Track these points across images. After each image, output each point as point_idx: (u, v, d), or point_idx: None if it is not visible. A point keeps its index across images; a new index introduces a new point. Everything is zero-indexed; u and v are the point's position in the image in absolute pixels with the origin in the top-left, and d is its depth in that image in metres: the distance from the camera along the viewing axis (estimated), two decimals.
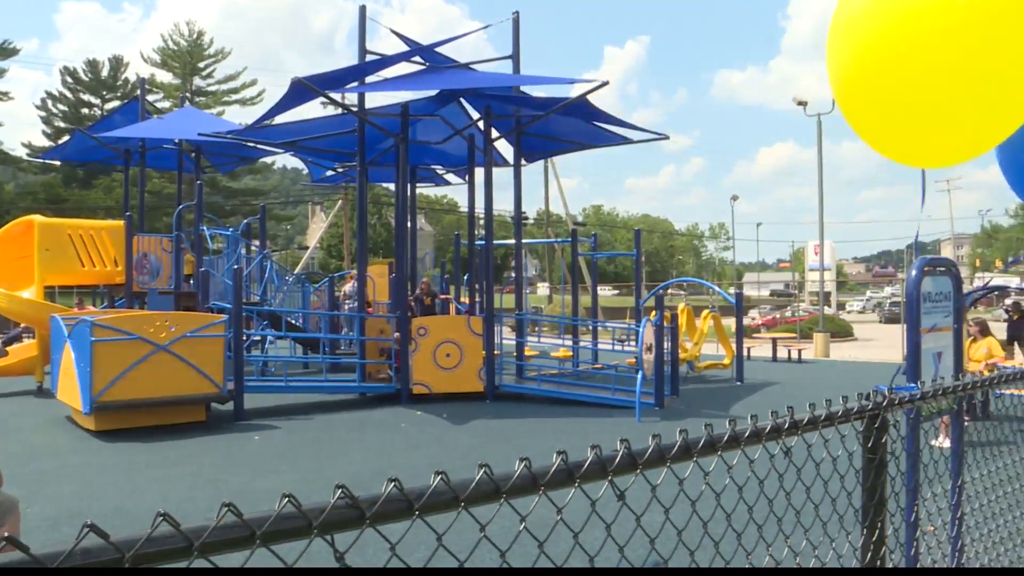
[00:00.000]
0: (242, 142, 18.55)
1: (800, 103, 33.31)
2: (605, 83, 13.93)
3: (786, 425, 1.92)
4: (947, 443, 4.18)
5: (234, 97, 67.69)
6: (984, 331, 12.89)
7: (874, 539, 2.44)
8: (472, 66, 16.93)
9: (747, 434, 1.81)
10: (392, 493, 1.22)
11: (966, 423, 5.13)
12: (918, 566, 3.81)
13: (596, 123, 16.83)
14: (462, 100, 16.85)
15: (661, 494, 1.67)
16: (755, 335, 29.20)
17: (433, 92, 15.90)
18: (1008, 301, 21.22)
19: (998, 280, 40.62)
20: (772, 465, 1.99)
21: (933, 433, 3.99)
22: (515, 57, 16.73)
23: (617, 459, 1.54)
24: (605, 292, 66.22)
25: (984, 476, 4.12)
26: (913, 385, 2.85)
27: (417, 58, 16.43)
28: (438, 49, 16.47)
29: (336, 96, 17.01)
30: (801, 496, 2.13)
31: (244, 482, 8.52)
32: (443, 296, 19.68)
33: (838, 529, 2.39)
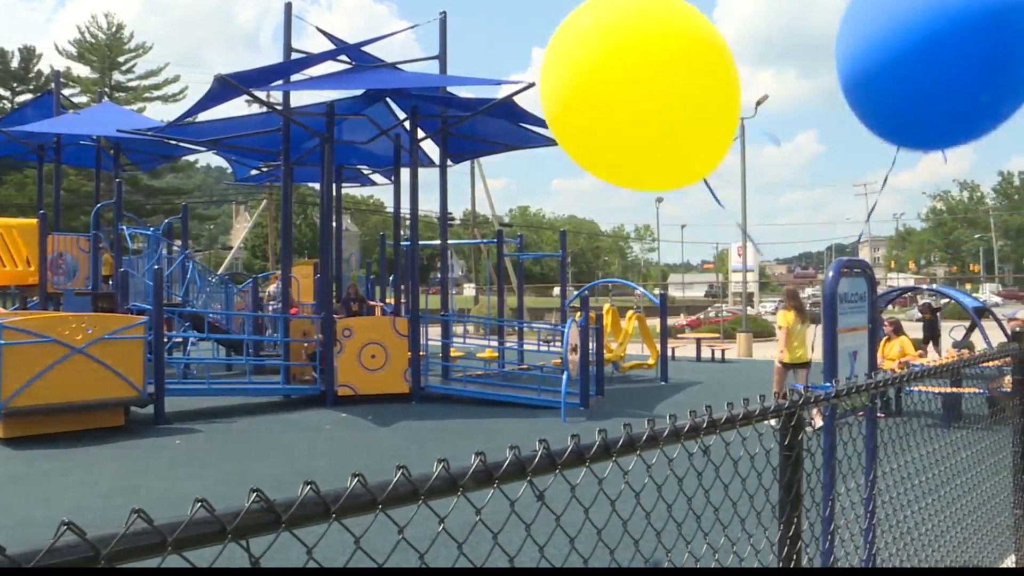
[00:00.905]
0: (163, 139, 18.14)
1: None
2: (531, 85, 13.99)
3: (704, 424, 1.96)
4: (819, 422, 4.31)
5: (155, 93, 66.04)
6: (898, 331, 13.32)
7: (791, 534, 2.50)
8: (399, 66, 16.84)
9: (666, 433, 1.85)
10: (308, 496, 1.21)
11: (880, 419, 5.30)
12: (833, 558, 3.91)
13: (523, 124, 16.89)
14: (388, 100, 16.75)
15: (581, 494, 1.69)
16: (679, 335, 29.61)
17: (359, 92, 15.78)
18: (920, 302, 21.91)
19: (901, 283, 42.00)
20: (691, 463, 2.03)
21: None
22: (442, 57, 16.70)
23: (536, 460, 1.55)
24: (563, 292, 66.44)
25: (895, 470, 4.25)
26: (828, 384, 2.93)
27: (343, 57, 16.29)
28: (365, 48, 16.35)
29: (260, 94, 16.77)
30: (720, 493, 2.17)
31: (164, 487, 8.33)
32: (372, 303, 19.54)
33: (756, 525, 2.44)
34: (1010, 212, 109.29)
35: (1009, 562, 4.86)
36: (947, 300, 20.54)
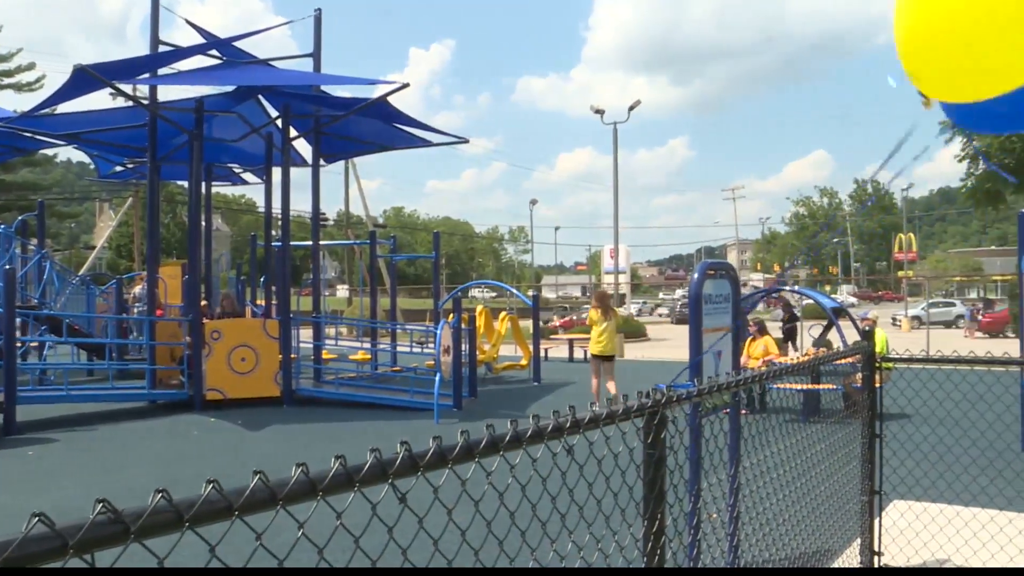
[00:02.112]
0: (16, 131, 17.16)
1: (597, 111, 34.58)
2: (405, 85, 13.96)
3: (568, 424, 1.99)
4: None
5: (7, 81, 62.62)
6: (762, 330, 13.86)
7: (654, 530, 2.56)
8: (271, 63, 16.50)
9: (529, 434, 1.87)
10: (160, 505, 1.17)
11: (745, 415, 5.50)
12: (698, 550, 4.04)
13: (397, 125, 16.79)
14: (260, 97, 16.39)
15: (445, 495, 1.69)
16: (552, 336, 29.96)
17: (230, 88, 15.38)
18: (781, 304, 22.86)
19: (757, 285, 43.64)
20: (555, 463, 2.06)
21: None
22: (316, 55, 16.45)
23: (397, 462, 1.55)
24: (436, 293, 66.05)
25: (756, 464, 4.42)
26: (690, 383, 3.02)
27: (214, 52, 15.84)
28: (237, 44, 15.95)
29: (125, 88, 16.12)
30: (584, 492, 2.21)
31: (15, 503, 7.91)
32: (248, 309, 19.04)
33: (620, 522, 2.50)
34: (864, 218, 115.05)
35: (856, 545, 5.11)
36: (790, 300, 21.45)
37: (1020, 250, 10.45)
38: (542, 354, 20.52)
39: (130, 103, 16.63)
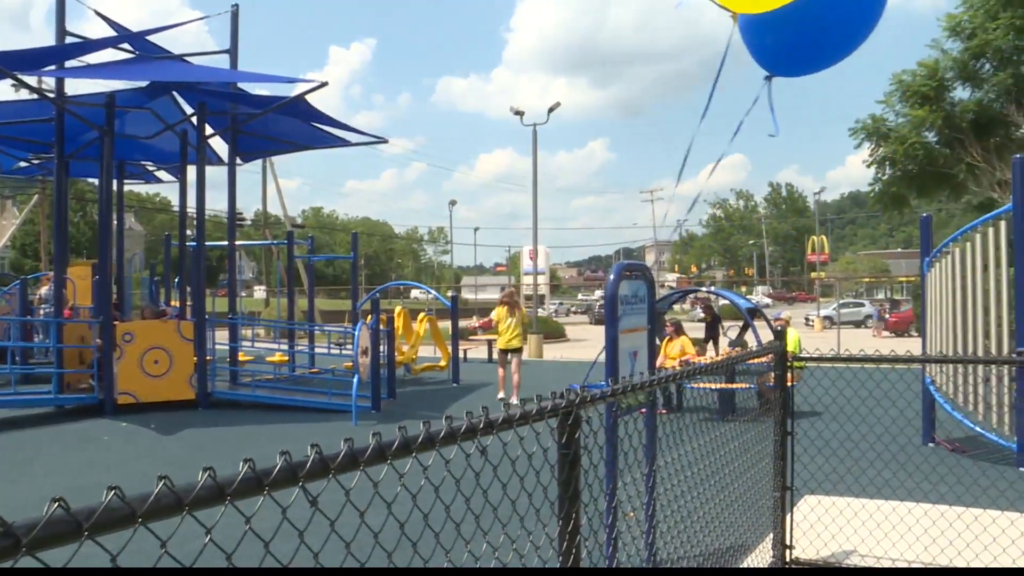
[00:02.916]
0: None
1: (517, 112, 34.68)
2: (324, 84, 13.81)
3: (481, 425, 1.99)
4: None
5: None
6: (679, 331, 14.07)
7: (569, 529, 2.58)
8: (187, 58, 16.14)
9: (442, 435, 1.86)
10: (57, 514, 1.13)
11: (662, 414, 5.57)
12: (614, 549, 4.08)
13: (316, 124, 16.60)
14: (175, 94, 16.00)
15: (357, 498, 1.67)
16: (471, 337, 29.96)
17: (143, 83, 14.98)
18: (700, 304, 23.27)
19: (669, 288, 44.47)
20: (468, 464, 2.06)
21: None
22: (233, 52, 16.16)
23: (308, 465, 1.53)
24: (354, 294, 65.29)
25: (672, 462, 4.49)
26: (603, 383, 3.05)
27: (126, 45, 15.41)
28: (150, 37, 15.55)
29: (30, 80, 15.59)
30: (499, 493, 2.21)
31: None
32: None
33: (535, 522, 2.51)
34: (778, 220, 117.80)
35: (769, 539, 5.23)
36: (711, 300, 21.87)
37: (923, 252, 10.83)
38: (461, 355, 20.50)
39: (35, 96, 16.10)
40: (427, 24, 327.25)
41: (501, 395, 14.91)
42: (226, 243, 17.48)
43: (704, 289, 22.31)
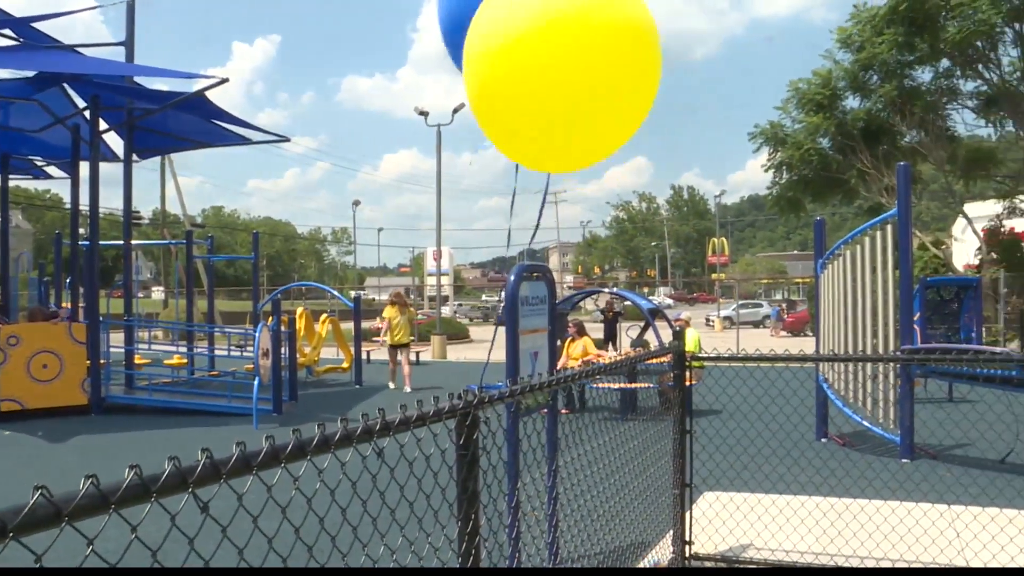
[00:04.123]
0: None
1: (422, 113, 34.57)
2: (225, 80, 13.50)
3: (377, 427, 1.98)
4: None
5: None
6: (581, 331, 14.21)
7: (468, 530, 2.58)
8: (78, 49, 15.57)
9: (337, 437, 1.84)
10: None
11: (564, 414, 5.63)
12: (516, 549, 4.10)
13: (216, 121, 16.22)
14: (66, 86, 15.41)
15: (251, 503, 1.64)
16: (374, 339, 29.74)
17: (30, 73, 14.38)
18: (602, 303, 23.55)
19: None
20: (364, 466, 2.04)
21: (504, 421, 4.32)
22: (129, 44, 15.65)
23: (198, 470, 1.49)
24: (255, 295, 63.85)
25: (572, 460, 4.53)
26: (500, 384, 3.06)
27: (8, 32, 14.74)
28: (38, 25, 14.93)
29: None
30: (396, 495, 2.20)
31: None
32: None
33: (434, 524, 2.50)
34: (680, 222, 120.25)
35: (669, 536, 5.33)
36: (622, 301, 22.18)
37: (816, 254, 11.19)
38: (364, 356, 20.34)
39: None
40: (332, 22, 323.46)
41: (392, 385, 17.00)
42: (122, 242, 16.93)
43: (606, 290, 22.58)
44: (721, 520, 5.92)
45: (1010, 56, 26.26)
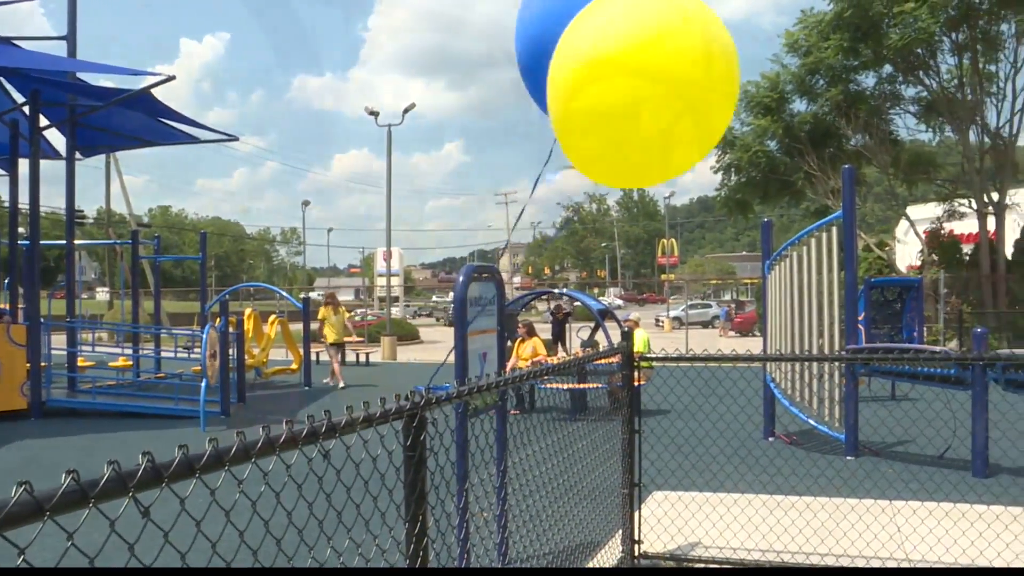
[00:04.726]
0: None
1: (372, 113, 34.40)
2: (171, 78, 13.29)
3: (323, 429, 1.96)
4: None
5: None
6: (531, 332, 14.22)
7: (416, 531, 2.57)
8: (16, 42, 15.21)
9: (282, 439, 1.82)
10: None
11: (514, 415, 5.63)
12: (469, 547, 4.10)
13: (163, 120, 15.97)
14: (3, 80, 15.05)
15: (194, 506, 1.62)
16: (323, 340, 29.52)
17: None
18: (552, 304, 23.63)
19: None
20: (311, 468, 2.02)
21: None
22: (71, 38, 15.34)
23: (139, 474, 1.46)
24: (203, 296, 62.90)
25: (521, 461, 4.53)
26: (447, 385, 3.05)
27: None
28: None
29: None
30: (343, 497, 2.18)
31: None
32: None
33: (381, 525, 2.49)
34: (630, 223, 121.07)
35: (618, 536, 5.36)
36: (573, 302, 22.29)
37: (763, 255, 11.34)
38: (314, 358, 20.17)
39: None
40: (283, 20, 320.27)
41: (342, 384, 17.49)
42: (64, 242, 16.60)
43: (556, 291, 22.67)
44: (670, 519, 5.96)
45: (948, 64, 26.97)
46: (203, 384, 12.55)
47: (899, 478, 7.87)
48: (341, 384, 17.40)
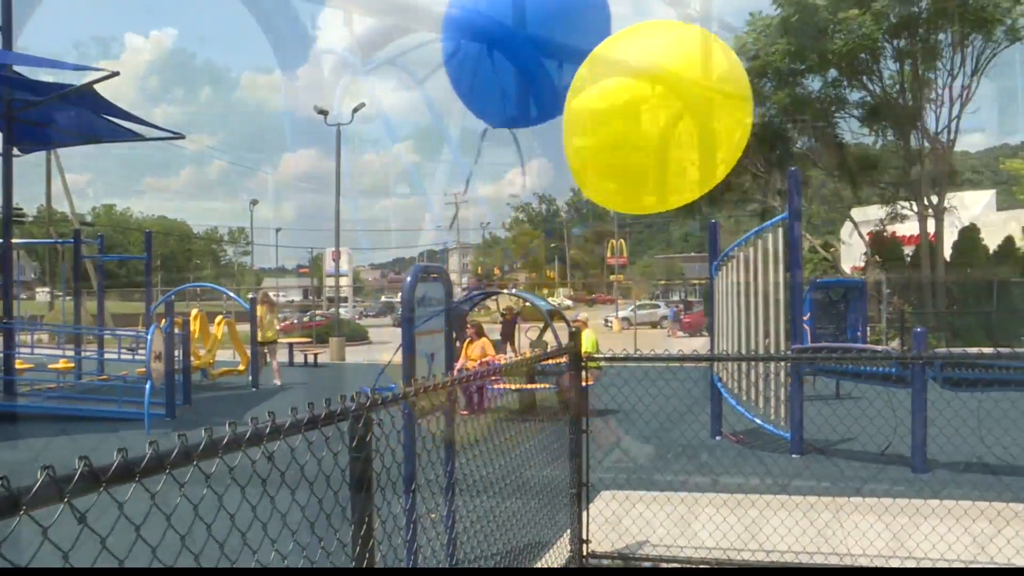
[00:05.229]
0: None
1: (321, 112, 34.14)
2: (115, 73, 13.06)
3: (268, 430, 1.94)
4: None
5: None
6: (480, 332, 14.21)
7: (362, 533, 2.55)
8: None
9: (225, 441, 1.80)
10: None
11: (463, 415, 5.62)
12: (417, 548, 4.08)
13: (107, 116, 15.66)
14: None
15: (133, 511, 1.59)
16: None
17: None
18: (503, 305, 23.63)
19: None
20: (254, 471, 2.00)
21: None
22: (7, 30, 14.94)
23: (75, 479, 1.43)
24: (148, 297, 61.80)
25: (469, 461, 4.53)
26: (393, 385, 3.04)
27: None
28: None
29: None
30: (288, 499, 2.16)
31: None
32: None
33: (326, 527, 2.47)
34: (580, 223, 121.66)
35: (566, 536, 5.38)
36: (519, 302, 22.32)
37: (710, 256, 11.46)
38: (261, 359, 19.96)
39: None
40: (231, 17, 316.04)
41: (279, 382, 18.02)
42: (1, 241, 16.21)
43: (506, 291, 22.69)
44: (618, 518, 6.00)
45: (890, 69, 27.53)
46: (148, 386, 12.35)
47: (842, 475, 8.00)
48: (277, 382, 17.98)
